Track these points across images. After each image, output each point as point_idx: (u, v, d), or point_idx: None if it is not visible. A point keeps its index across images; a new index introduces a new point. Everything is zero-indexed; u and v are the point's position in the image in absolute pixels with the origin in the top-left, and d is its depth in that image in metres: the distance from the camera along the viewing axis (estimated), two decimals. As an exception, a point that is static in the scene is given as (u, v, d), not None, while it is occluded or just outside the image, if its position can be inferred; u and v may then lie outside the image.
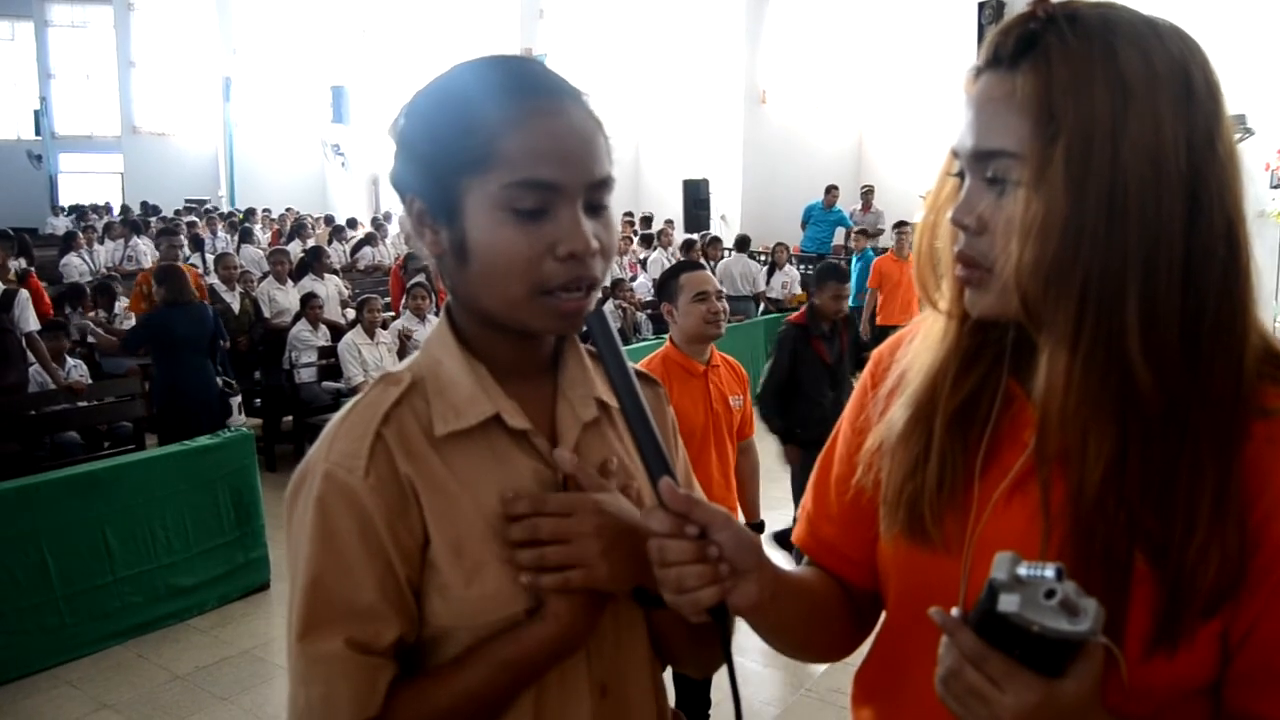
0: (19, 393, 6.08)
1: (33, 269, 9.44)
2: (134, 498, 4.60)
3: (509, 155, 0.94)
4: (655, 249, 12.95)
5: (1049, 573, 0.76)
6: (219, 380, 6.31)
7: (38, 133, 25.73)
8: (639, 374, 1.17)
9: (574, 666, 1.03)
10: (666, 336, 3.44)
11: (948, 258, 0.97)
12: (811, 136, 16.12)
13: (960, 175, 0.94)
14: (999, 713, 0.79)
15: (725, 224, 15.07)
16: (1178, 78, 0.86)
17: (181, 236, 7.90)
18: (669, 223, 14.32)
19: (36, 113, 25.86)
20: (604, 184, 0.99)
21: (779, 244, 11.87)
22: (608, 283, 9.26)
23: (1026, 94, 0.87)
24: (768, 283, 11.44)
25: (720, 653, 1.00)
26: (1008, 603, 0.76)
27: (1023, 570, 0.77)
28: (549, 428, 1.06)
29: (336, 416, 1.02)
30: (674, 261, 12.27)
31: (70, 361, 6.71)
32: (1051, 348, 0.89)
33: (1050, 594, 0.75)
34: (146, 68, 24.36)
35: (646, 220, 15.15)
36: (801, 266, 11.86)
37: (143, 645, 4.48)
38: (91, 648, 4.38)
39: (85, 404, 6.36)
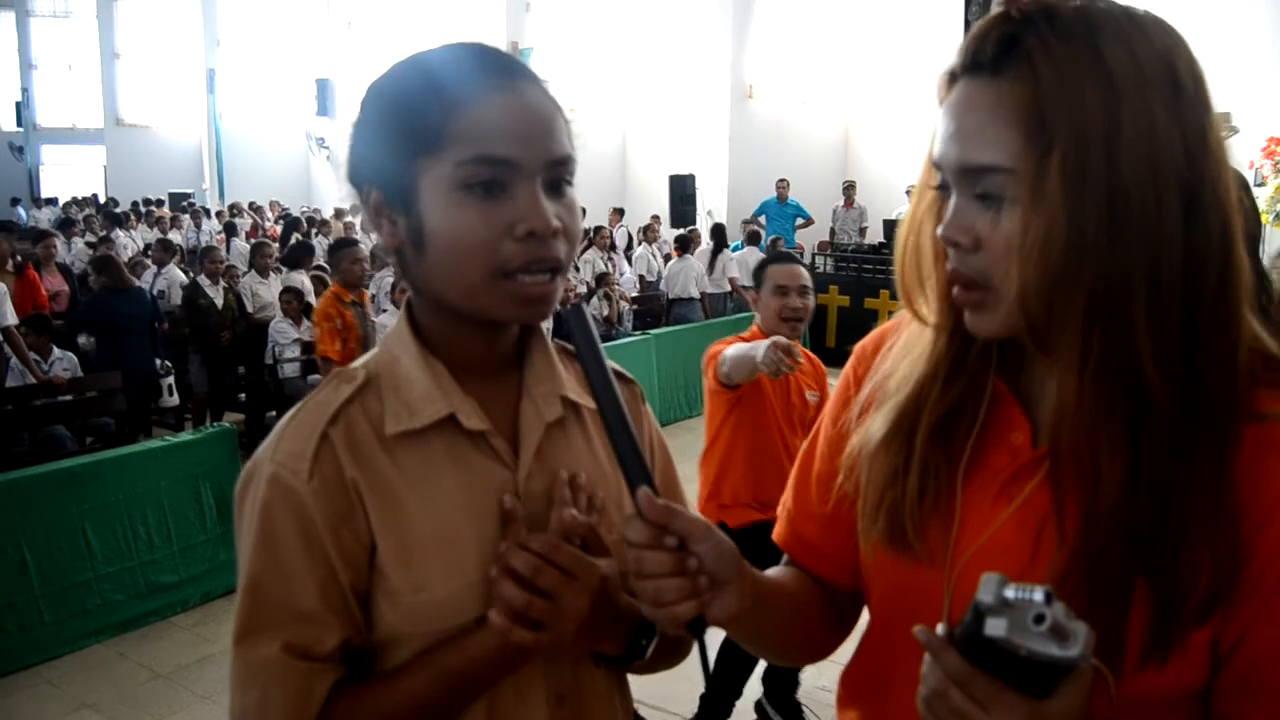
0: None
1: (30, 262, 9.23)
2: (114, 494, 4.55)
3: (463, 133, 0.91)
4: (641, 244, 12.89)
5: (1037, 595, 0.72)
6: (156, 361, 7.00)
7: (19, 124, 25.50)
8: (618, 374, 1.15)
9: (529, 676, 1.01)
10: (651, 334, 3.46)
11: (929, 267, 0.94)
12: (798, 131, 16.11)
13: (942, 188, 0.91)
14: None
15: (711, 218, 15.02)
16: (1165, 72, 0.83)
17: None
18: (655, 218, 14.28)
19: (18, 104, 25.63)
20: (563, 163, 0.96)
21: (775, 237, 11.91)
22: (589, 276, 9.04)
23: (1014, 104, 0.83)
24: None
25: (680, 647, 0.98)
26: (995, 627, 0.73)
27: (1010, 592, 0.74)
28: (511, 427, 1.03)
29: (288, 414, 0.99)
30: (663, 256, 12.34)
31: (56, 353, 6.58)
32: (1061, 370, 0.86)
33: (1039, 619, 0.72)
34: (131, 59, 24.14)
35: (619, 212, 15.11)
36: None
37: (124, 643, 4.44)
38: (72, 646, 4.34)
39: (67, 399, 6.30)
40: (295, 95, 22.98)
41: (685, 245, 10.82)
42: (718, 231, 11.38)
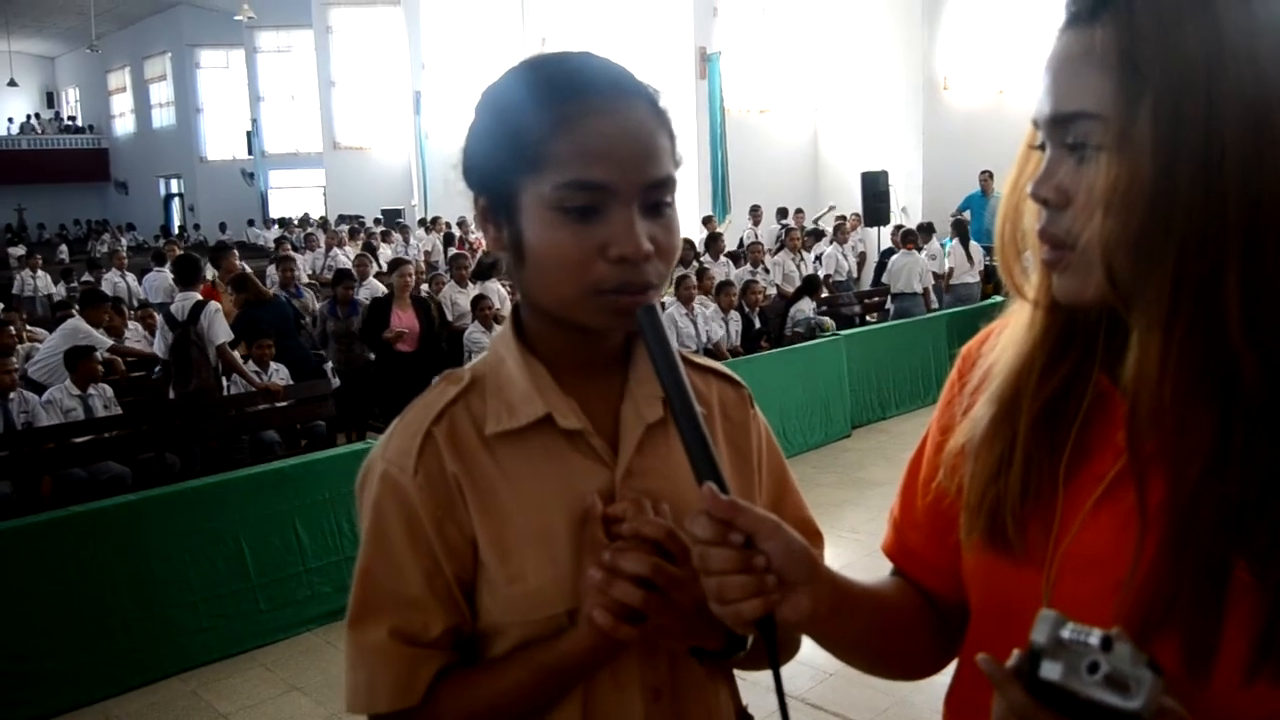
0: (199, 399, 6.55)
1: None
2: (320, 493, 4.86)
3: (561, 156, 0.92)
4: (831, 243, 12.70)
5: (1094, 640, 0.68)
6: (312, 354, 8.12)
7: (250, 152, 27.66)
8: (725, 376, 1.15)
9: (625, 669, 1.01)
10: (841, 334, 3.42)
11: (1034, 240, 0.89)
12: (996, 122, 15.45)
13: (1041, 148, 0.86)
14: None
15: (906, 216, 14.68)
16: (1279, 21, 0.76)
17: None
18: (856, 215, 14.10)
19: (249, 133, 27.81)
20: (662, 185, 0.95)
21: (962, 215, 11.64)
22: (778, 278, 8.90)
23: (1107, 47, 0.78)
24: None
25: (790, 644, 0.96)
26: (1050, 670, 0.69)
27: (1066, 633, 0.70)
28: (613, 428, 1.04)
29: (401, 414, 1.04)
30: (849, 256, 12.14)
31: (273, 366, 7.11)
32: (1143, 330, 0.79)
33: (1093, 667, 0.68)
34: (344, 86, 25.69)
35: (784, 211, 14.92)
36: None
37: (331, 632, 4.71)
38: (284, 633, 4.67)
39: (282, 405, 6.82)
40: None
41: (911, 239, 10.64)
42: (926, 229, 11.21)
